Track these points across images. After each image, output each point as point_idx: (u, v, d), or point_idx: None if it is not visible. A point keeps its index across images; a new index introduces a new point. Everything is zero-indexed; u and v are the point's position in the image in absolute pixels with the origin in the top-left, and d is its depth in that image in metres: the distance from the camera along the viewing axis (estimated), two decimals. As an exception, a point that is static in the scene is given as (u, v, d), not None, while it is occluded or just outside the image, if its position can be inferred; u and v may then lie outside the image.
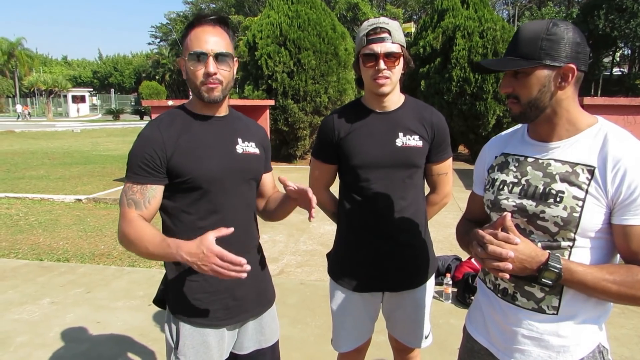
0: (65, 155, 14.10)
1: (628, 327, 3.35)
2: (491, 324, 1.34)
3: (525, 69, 1.16)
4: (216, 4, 48.47)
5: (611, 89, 31.90)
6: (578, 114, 1.20)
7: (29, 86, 41.36)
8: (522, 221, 1.23)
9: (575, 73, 1.14)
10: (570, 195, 1.15)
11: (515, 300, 1.26)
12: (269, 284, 1.71)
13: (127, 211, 1.41)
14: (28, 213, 6.78)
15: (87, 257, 4.92)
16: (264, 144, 1.67)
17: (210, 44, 1.41)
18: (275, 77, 11.07)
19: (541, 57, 1.14)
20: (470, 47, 11.07)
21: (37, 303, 3.74)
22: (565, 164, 1.18)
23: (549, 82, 1.15)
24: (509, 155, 1.32)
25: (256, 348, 1.65)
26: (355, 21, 35.11)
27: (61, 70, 63.93)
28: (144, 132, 1.46)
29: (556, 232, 1.17)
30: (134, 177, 1.42)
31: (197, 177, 1.43)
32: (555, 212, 1.16)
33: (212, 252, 1.24)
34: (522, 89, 1.18)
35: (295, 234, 5.68)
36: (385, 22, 1.68)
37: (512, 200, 1.25)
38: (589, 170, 1.14)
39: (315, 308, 3.63)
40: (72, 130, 25.00)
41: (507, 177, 1.28)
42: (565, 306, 1.19)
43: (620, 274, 1.10)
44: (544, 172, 1.21)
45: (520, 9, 40.24)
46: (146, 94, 33.07)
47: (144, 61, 60.21)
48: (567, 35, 1.13)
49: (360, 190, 1.80)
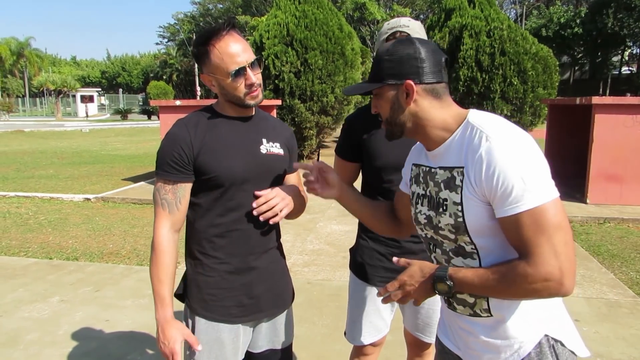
0: (74, 154, 14.22)
1: (637, 327, 3.32)
2: (451, 329, 1.36)
3: (378, 90, 1.22)
4: (223, 5, 48.60)
5: (620, 88, 31.63)
6: (444, 117, 1.19)
7: (38, 86, 41.76)
8: (432, 232, 1.26)
9: (414, 88, 1.15)
10: (451, 201, 1.16)
11: (455, 309, 1.27)
12: (287, 286, 1.73)
13: (162, 215, 1.49)
14: (37, 212, 6.85)
15: (96, 255, 4.96)
16: (289, 144, 1.69)
17: (242, 56, 1.43)
18: (282, 77, 11.08)
19: (384, 78, 1.19)
20: (477, 46, 11.02)
21: (46, 301, 3.79)
22: (446, 170, 1.19)
23: (397, 100, 1.19)
24: (419, 166, 1.33)
25: (269, 348, 1.67)
26: (362, 21, 35.06)
27: (70, 70, 64.43)
28: (172, 131, 1.50)
29: (455, 239, 1.19)
30: (165, 174, 1.48)
31: (220, 175, 1.47)
32: (446, 221, 1.18)
33: (171, 350, 1.43)
34: (380, 109, 1.25)
35: (302, 234, 5.70)
36: (405, 24, 1.69)
37: (423, 212, 1.27)
38: (461, 172, 1.14)
39: (322, 307, 3.64)
40: (81, 130, 25.19)
41: (418, 189, 1.31)
42: (495, 307, 1.18)
43: (501, 272, 1.08)
44: (434, 182, 1.22)
45: (528, 8, 39.97)
46: (154, 94, 33.21)
47: (151, 61, 60.49)
48: (405, 52, 1.17)
49: (383, 191, 1.82)
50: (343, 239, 5.53)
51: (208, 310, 1.52)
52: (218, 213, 1.50)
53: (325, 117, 11.58)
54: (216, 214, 1.50)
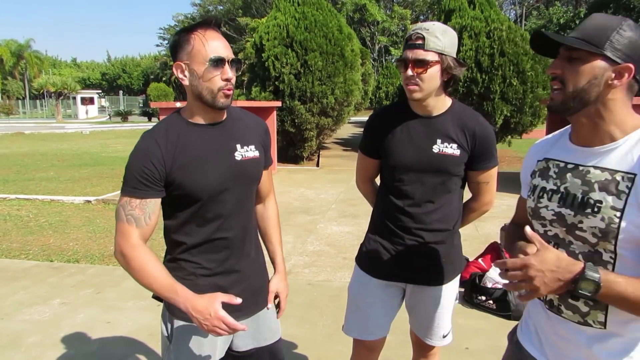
0: (74, 156, 14.22)
1: None
2: (542, 334, 1.29)
3: (582, 54, 1.09)
4: (224, 6, 48.68)
5: None
6: (625, 118, 1.12)
7: (39, 88, 41.74)
8: (562, 230, 1.18)
9: (632, 73, 1.08)
10: (608, 205, 1.08)
11: (561, 313, 1.21)
12: (265, 284, 1.70)
13: (128, 229, 1.39)
14: (38, 214, 6.85)
15: (97, 257, 4.97)
16: (264, 142, 1.64)
17: (225, 50, 1.40)
18: (282, 78, 11.10)
19: (605, 48, 1.07)
20: (477, 47, 11.03)
21: (47, 304, 3.79)
22: (605, 171, 1.12)
23: (602, 76, 1.08)
24: (550, 160, 1.26)
25: (254, 346, 1.65)
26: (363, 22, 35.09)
27: (70, 72, 64.45)
28: (140, 146, 1.42)
29: (595, 243, 1.12)
30: (133, 191, 1.40)
31: (195, 191, 1.43)
32: (593, 223, 1.10)
33: (217, 316, 1.32)
34: (572, 74, 1.11)
35: (303, 235, 5.70)
36: (425, 27, 1.68)
37: (551, 208, 1.20)
38: (629, 178, 1.07)
39: (322, 308, 3.65)
40: (81, 132, 25.19)
41: (547, 184, 1.24)
42: (613, 321, 1.13)
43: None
44: (583, 180, 1.15)
45: (528, 9, 40.01)
46: (154, 96, 33.21)
47: (152, 63, 60.54)
48: (637, 36, 1.09)
49: (394, 189, 1.85)
50: (343, 240, 5.53)
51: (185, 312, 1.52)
52: (196, 224, 1.48)
53: (325, 118, 11.59)
54: (194, 225, 1.48)
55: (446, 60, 1.69)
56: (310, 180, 9.84)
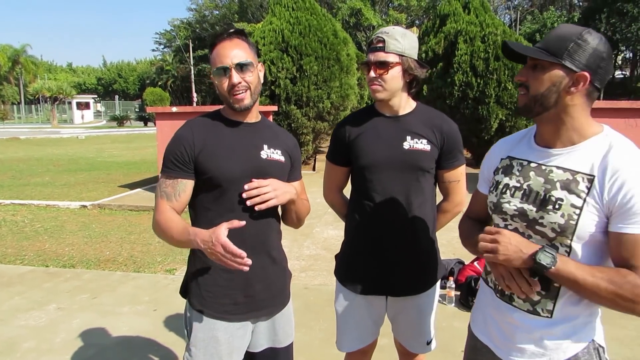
0: (70, 161, 14.18)
1: (630, 327, 3.35)
2: (491, 321, 1.39)
3: (544, 63, 1.19)
4: (220, 11, 48.73)
5: (614, 92, 31.86)
6: (584, 123, 1.22)
7: (34, 93, 41.61)
8: (522, 225, 1.27)
9: (587, 82, 1.17)
10: (568, 203, 1.18)
11: (512, 301, 1.30)
12: (285, 286, 1.75)
13: (160, 202, 1.56)
14: (34, 219, 6.84)
15: (93, 263, 4.96)
16: (291, 153, 1.74)
17: (229, 57, 1.52)
18: (278, 83, 11.12)
19: (563, 57, 1.17)
20: (472, 51, 11.09)
21: (43, 309, 3.78)
22: (567, 171, 1.21)
23: (560, 83, 1.18)
24: (514, 159, 1.35)
25: (269, 346, 1.70)
26: (358, 27, 35.21)
27: (66, 77, 64.31)
28: (178, 131, 1.60)
29: (553, 238, 1.21)
30: (167, 171, 1.56)
31: (217, 175, 1.54)
32: (553, 219, 1.19)
33: (219, 241, 1.34)
34: (534, 81, 1.22)
35: (299, 239, 5.71)
36: (385, 31, 1.74)
37: (513, 204, 1.28)
38: (589, 179, 1.17)
39: (319, 312, 3.65)
40: (77, 137, 25.13)
41: (510, 181, 1.32)
42: (559, 310, 1.24)
43: (610, 273, 1.13)
44: (546, 179, 1.24)
45: (522, 13, 40.27)
46: (150, 101, 33.22)
47: (147, 68, 60.46)
48: (595, 45, 1.17)
49: (367, 192, 1.84)
50: (339, 244, 5.51)
51: (205, 307, 1.57)
52: (217, 213, 1.55)
53: (322, 122, 11.61)
54: (215, 214, 1.55)
55: (407, 62, 1.74)
56: (307, 184, 9.74)
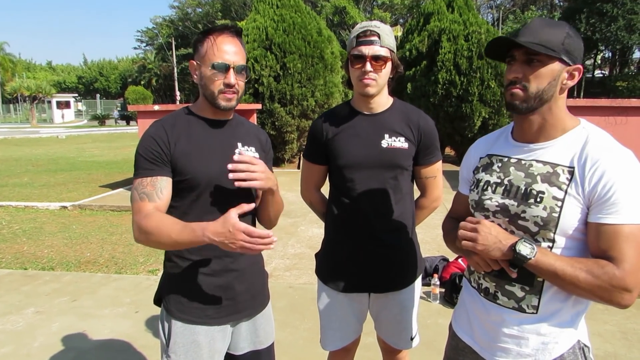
0: (49, 162, 13.90)
1: (611, 323, 3.40)
2: (475, 322, 1.37)
3: (543, 58, 1.17)
4: (202, 9, 48.31)
5: (593, 91, 32.44)
6: (564, 116, 1.24)
7: (12, 92, 40.69)
8: (504, 221, 1.26)
9: (581, 73, 1.19)
10: (550, 195, 1.18)
11: (496, 299, 1.29)
12: (264, 287, 1.73)
13: (141, 205, 1.42)
14: (11, 221, 6.67)
15: (73, 264, 4.86)
16: (264, 148, 1.71)
17: (232, 56, 1.47)
18: (261, 80, 11.06)
19: (561, 52, 1.16)
20: (455, 50, 11.17)
21: (21, 313, 3.68)
22: (547, 164, 1.21)
23: (558, 77, 1.18)
24: (493, 156, 1.35)
25: (251, 349, 1.67)
26: (343, 25, 35.25)
27: (45, 75, 63.05)
28: (149, 131, 1.51)
29: (536, 232, 1.20)
30: (142, 172, 1.45)
31: (194, 177, 1.48)
32: (536, 212, 1.19)
33: (239, 229, 1.24)
34: (534, 77, 1.18)
35: (284, 238, 5.68)
36: (376, 25, 1.71)
37: (495, 200, 1.28)
38: (569, 171, 1.17)
39: (304, 311, 3.63)
40: (57, 137, 24.66)
41: (491, 177, 1.32)
42: (545, 305, 1.23)
43: (588, 264, 1.12)
44: (526, 173, 1.24)
45: (505, 13, 40.75)
46: (132, 99, 32.81)
47: (129, 66, 59.66)
48: (579, 39, 1.20)
49: (347, 191, 1.82)
50: (325, 242, 5.51)
51: (184, 313, 1.52)
52: (194, 216, 1.49)
53: (306, 120, 11.58)
54: (192, 217, 1.49)
55: (395, 58, 1.75)
56: (291, 183, 9.80)
